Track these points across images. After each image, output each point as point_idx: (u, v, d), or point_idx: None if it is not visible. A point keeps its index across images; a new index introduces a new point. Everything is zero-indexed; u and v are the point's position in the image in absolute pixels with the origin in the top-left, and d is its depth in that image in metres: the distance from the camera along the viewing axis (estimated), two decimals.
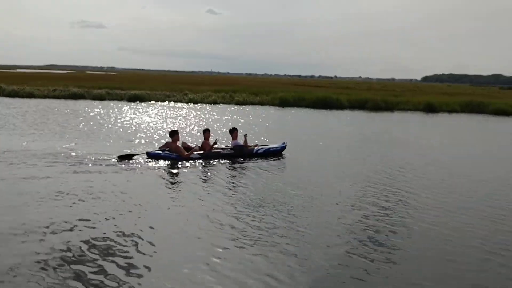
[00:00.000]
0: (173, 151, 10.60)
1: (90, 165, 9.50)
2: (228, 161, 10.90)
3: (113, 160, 10.05)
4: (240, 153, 11.41)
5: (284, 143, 12.35)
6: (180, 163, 10.27)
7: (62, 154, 10.30)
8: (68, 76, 63.34)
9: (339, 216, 6.98)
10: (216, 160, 10.85)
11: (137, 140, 13.29)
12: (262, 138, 14.60)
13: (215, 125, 17.73)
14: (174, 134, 10.81)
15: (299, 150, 12.84)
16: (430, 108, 32.15)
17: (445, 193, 8.73)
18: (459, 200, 8.31)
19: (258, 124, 19.26)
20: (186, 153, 10.69)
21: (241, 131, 12.18)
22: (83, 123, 16.60)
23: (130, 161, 10.06)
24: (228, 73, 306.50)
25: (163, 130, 15.79)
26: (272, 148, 11.98)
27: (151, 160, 10.32)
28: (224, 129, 15.27)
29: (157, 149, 10.90)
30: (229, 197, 7.71)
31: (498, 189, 9.32)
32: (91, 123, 16.92)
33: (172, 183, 8.70)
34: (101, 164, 9.60)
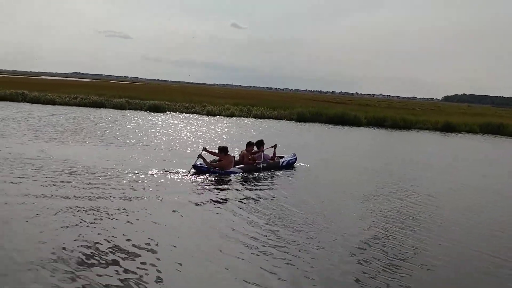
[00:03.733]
0: (219, 166, 10.67)
1: (130, 177, 9.36)
2: (261, 174, 11.15)
3: (156, 172, 10.01)
4: (271, 166, 11.85)
5: (294, 154, 12.84)
6: (224, 177, 10.36)
7: (115, 167, 10.14)
8: (91, 84, 64.60)
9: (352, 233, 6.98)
10: (253, 174, 11.10)
11: (172, 153, 13.11)
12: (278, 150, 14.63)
13: (235, 138, 17.86)
14: (222, 150, 10.87)
15: (307, 162, 12.98)
16: (448, 128, 31.85)
17: (464, 213, 8.64)
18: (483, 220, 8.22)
19: (273, 136, 19.27)
20: (232, 168, 10.90)
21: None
22: (121, 132, 16.96)
23: (176, 174, 10.02)
24: (250, 86, 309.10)
25: (189, 142, 16.00)
26: (290, 160, 12.53)
27: (197, 174, 10.30)
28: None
29: (203, 162, 10.70)
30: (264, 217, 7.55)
31: None
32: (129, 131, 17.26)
33: (216, 198, 8.56)
34: (141, 176, 9.47)
